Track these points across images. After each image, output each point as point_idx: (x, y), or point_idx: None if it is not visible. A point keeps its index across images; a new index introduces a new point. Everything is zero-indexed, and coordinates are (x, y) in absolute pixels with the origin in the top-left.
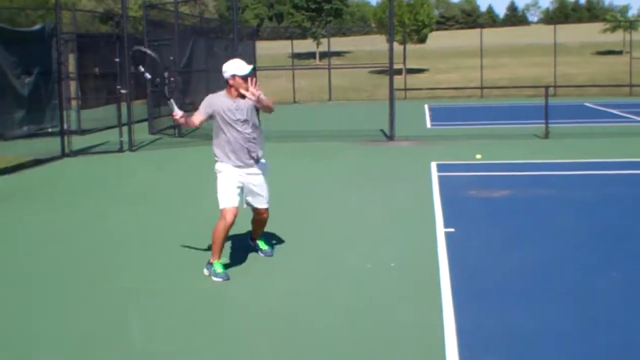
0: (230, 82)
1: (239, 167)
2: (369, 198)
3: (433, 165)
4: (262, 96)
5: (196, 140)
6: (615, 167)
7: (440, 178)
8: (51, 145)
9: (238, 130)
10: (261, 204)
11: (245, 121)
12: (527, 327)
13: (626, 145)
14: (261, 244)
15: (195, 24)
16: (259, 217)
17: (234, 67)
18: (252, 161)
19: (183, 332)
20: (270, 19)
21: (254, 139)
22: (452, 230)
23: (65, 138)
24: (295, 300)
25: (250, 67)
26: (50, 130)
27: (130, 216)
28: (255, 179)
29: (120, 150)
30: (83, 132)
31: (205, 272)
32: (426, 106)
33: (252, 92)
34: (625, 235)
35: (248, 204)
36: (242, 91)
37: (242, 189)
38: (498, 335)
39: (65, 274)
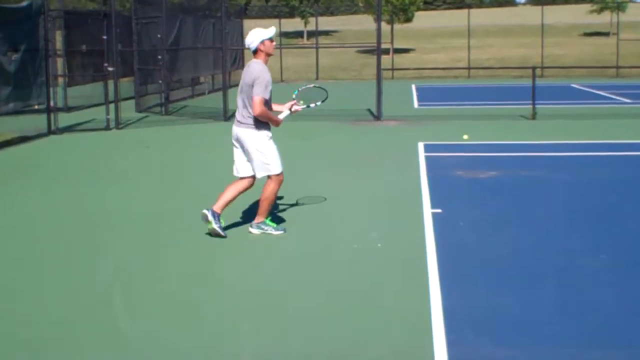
0: (262, 48)
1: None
2: (355, 178)
3: (420, 146)
4: (298, 109)
5: (184, 118)
6: (602, 149)
7: (428, 158)
8: (38, 122)
9: (270, 98)
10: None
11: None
12: (514, 309)
13: (613, 127)
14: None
15: (183, 1)
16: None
17: (261, 33)
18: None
19: (168, 310)
20: None
21: None
22: (439, 211)
23: (52, 115)
24: (281, 280)
25: (273, 28)
26: (36, 107)
27: (117, 194)
28: None
29: (107, 127)
30: (69, 109)
31: (256, 231)
32: (413, 86)
33: (296, 109)
34: (612, 216)
35: None
36: (288, 110)
37: None
38: (485, 317)
39: (50, 252)
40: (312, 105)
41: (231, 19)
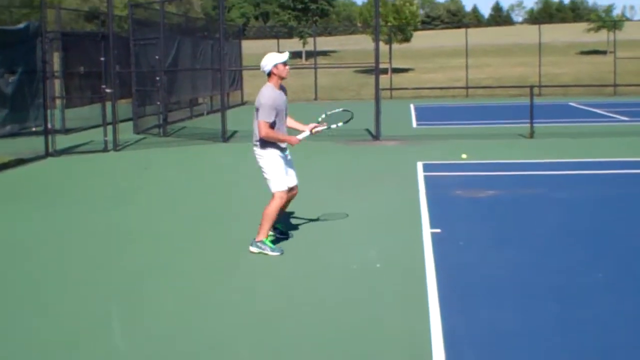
0: (275, 71)
1: (282, 150)
2: (354, 198)
3: (419, 165)
4: (319, 130)
5: (182, 139)
6: (601, 167)
7: (426, 178)
8: (35, 144)
9: (283, 120)
10: (296, 180)
11: (286, 109)
12: (514, 328)
13: (611, 145)
14: (281, 226)
15: (181, 23)
16: (291, 194)
17: (275, 58)
18: (285, 145)
19: (165, 334)
20: (257, 18)
21: None
22: (438, 230)
23: (50, 137)
24: (279, 301)
25: (287, 52)
26: (34, 129)
27: (115, 216)
28: (289, 160)
29: (105, 149)
30: (67, 131)
31: (254, 249)
32: (412, 106)
33: (317, 131)
34: (610, 234)
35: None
36: (309, 131)
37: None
38: (485, 336)
39: (47, 274)
40: (334, 126)
41: (229, 39)
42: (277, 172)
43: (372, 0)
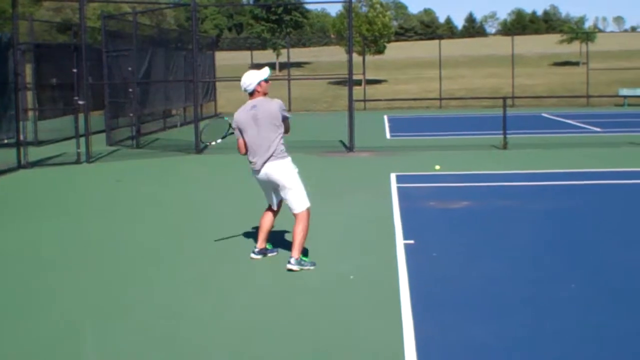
0: (259, 89)
1: None
2: (328, 209)
3: (392, 177)
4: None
5: (155, 151)
6: (573, 178)
7: (400, 189)
8: (7, 156)
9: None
10: None
11: None
12: (487, 339)
13: (583, 156)
14: (269, 246)
15: (154, 34)
16: (275, 215)
17: (258, 75)
18: None
19: (140, 348)
20: (230, 29)
21: None
22: (411, 242)
23: (22, 149)
24: (253, 314)
25: (267, 69)
26: (6, 141)
27: (87, 228)
28: None
29: (78, 161)
30: (40, 143)
31: (296, 267)
32: (385, 117)
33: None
34: (583, 245)
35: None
36: None
37: None
38: (457, 347)
39: (18, 288)
40: (214, 143)
41: (202, 51)
42: (303, 187)
43: (345, 11)
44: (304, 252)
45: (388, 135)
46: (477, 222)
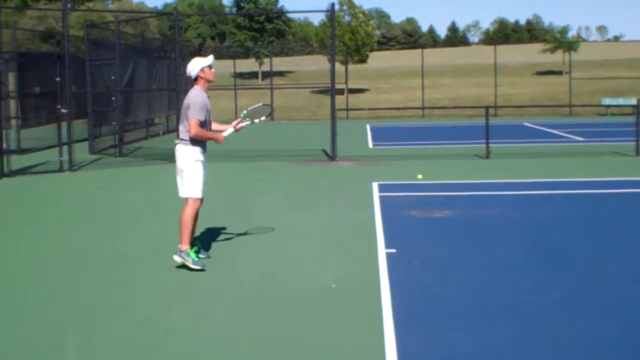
0: (201, 75)
1: (204, 156)
2: (310, 218)
3: (374, 186)
4: (243, 125)
5: (138, 160)
6: (555, 187)
7: (382, 198)
8: None
9: (209, 121)
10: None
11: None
12: (468, 348)
13: (565, 165)
14: (198, 243)
15: (137, 43)
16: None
17: (200, 62)
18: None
19: (122, 358)
20: (213, 38)
21: None
22: (393, 251)
23: (5, 157)
24: (234, 323)
25: (211, 56)
26: None
27: (69, 237)
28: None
29: (61, 170)
30: (23, 151)
31: (177, 258)
32: (368, 126)
33: (241, 127)
34: (565, 255)
35: None
36: (232, 128)
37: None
38: (439, 357)
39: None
40: (257, 121)
41: (185, 59)
42: (197, 177)
43: (328, 20)
44: (197, 247)
45: (370, 145)
46: (459, 231)
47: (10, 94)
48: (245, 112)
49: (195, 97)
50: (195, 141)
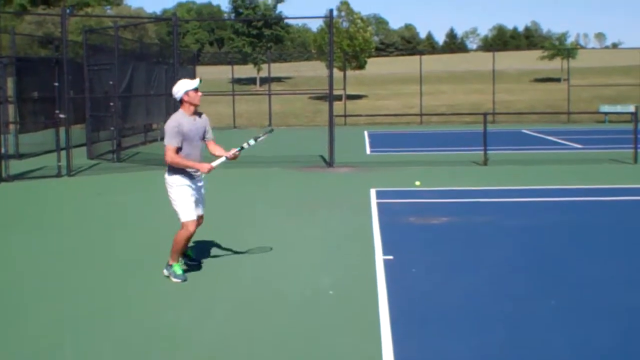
0: (186, 98)
1: (192, 179)
2: (307, 225)
3: (372, 192)
4: (236, 153)
5: (136, 165)
6: (553, 194)
7: (379, 205)
8: None
9: (195, 146)
10: (202, 210)
11: (201, 138)
12: (466, 355)
13: (564, 172)
14: (191, 253)
15: (135, 48)
16: (197, 224)
17: (185, 85)
18: (199, 173)
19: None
20: (211, 44)
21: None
22: (390, 257)
23: (3, 162)
24: (231, 329)
25: (198, 79)
26: None
27: (67, 242)
28: (201, 189)
29: (59, 175)
30: (21, 156)
31: (165, 272)
32: (366, 132)
33: (234, 154)
34: (563, 262)
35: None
36: (225, 157)
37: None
38: None
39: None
40: (260, 139)
41: (183, 65)
42: (185, 202)
43: (326, 27)
44: (188, 252)
45: (368, 151)
46: (457, 238)
47: (8, 99)
48: (248, 144)
49: (170, 122)
50: (174, 168)
